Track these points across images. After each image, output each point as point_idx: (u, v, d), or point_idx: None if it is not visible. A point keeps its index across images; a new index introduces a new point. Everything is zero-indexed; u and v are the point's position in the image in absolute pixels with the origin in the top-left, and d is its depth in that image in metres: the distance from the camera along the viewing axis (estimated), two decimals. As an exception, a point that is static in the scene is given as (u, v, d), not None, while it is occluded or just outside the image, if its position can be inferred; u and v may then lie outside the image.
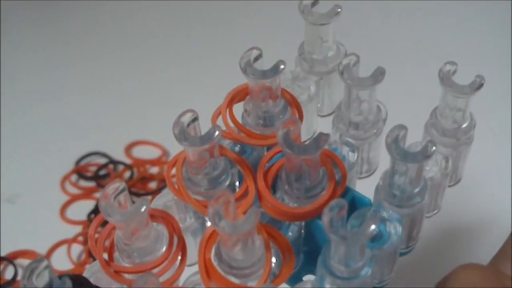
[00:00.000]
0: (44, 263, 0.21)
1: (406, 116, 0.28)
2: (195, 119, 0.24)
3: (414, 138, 0.25)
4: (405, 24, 0.68)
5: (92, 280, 0.24)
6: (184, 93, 0.63)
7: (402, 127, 0.24)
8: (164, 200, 0.27)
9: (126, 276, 0.24)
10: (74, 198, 0.54)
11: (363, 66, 0.27)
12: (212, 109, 0.28)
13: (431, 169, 0.28)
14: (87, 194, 0.55)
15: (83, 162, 0.57)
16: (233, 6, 0.72)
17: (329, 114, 0.32)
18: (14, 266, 0.48)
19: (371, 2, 0.71)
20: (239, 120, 0.27)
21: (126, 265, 0.24)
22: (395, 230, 0.25)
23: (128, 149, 0.58)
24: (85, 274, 0.25)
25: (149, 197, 0.54)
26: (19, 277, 0.48)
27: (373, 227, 0.21)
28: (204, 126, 0.24)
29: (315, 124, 0.32)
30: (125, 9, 0.76)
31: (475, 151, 0.32)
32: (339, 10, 0.28)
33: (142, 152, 0.58)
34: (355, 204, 0.26)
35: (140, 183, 0.56)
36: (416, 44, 0.64)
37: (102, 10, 0.76)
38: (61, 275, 0.21)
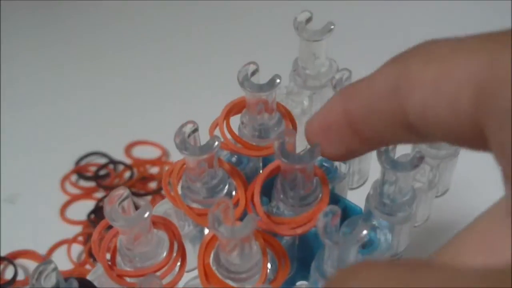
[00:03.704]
0: (52, 265, 0.22)
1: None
2: (195, 130, 0.25)
3: (403, 150, 0.26)
4: (400, 34, 0.68)
5: (95, 283, 0.26)
6: (183, 94, 0.64)
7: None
8: (165, 207, 0.28)
9: (128, 279, 0.25)
10: (74, 198, 0.54)
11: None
12: (208, 115, 0.28)
13: (419, 179, 0.29)
14: (87, 194, 0.55)
15: (83, 162, 0.58)
16: (233, 23, 0.74)
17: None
18: (14, 266, 0.48)
19: (364, 15, 0.72)
20: (236, 131, 0.28)
21: (128, 269, 0.25)
22: (384, 237, 0.26)
23: (128, 149, 0.58)
24: (89, 277, 0.26)
25: (149, 197, 0.55)
26: (19, 277, 0.47)
27: (364, 232, 0.22)
28: (201, 136, 0.25)
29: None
30: (126, 9, 0.77)
31: (463, 162, 0.32)
32: (332, 27, 0.29)
33: (142, 152, 0.58)
34: (347, 212, 0.27)
35: (140, 183, 0.55)
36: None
37: (102, 10, 0.77)
38: (67, 278, 0.22)
